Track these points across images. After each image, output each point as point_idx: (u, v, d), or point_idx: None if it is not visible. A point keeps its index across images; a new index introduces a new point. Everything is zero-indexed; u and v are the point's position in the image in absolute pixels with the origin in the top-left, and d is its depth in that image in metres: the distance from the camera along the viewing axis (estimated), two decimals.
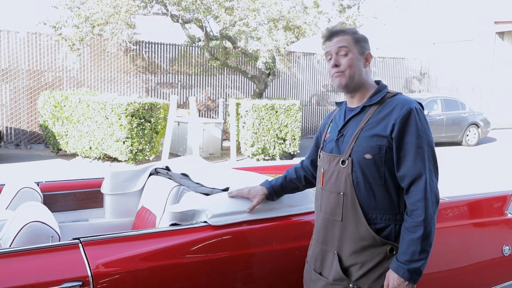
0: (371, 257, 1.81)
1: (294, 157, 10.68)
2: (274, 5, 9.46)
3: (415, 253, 1.71)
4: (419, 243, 1.71)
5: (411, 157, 1.76)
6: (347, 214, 1.84)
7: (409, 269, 1.71)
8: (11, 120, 11.07)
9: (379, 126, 1.81)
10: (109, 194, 3.08)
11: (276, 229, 2.24)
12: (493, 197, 2.86)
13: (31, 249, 1.80)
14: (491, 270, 2.76)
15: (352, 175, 1.82)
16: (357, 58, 1.88)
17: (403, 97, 1.87)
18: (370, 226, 1.81)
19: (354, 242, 1.83)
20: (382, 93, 1.88)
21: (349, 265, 1.85)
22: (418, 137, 1.76)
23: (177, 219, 2.24)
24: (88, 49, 11.57)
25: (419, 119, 1.79)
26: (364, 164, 1.81)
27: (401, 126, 1.77)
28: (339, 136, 1.91)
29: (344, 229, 1.86)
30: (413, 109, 1.79)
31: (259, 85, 11.89)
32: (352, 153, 1.83)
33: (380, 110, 1.85)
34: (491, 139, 15.18)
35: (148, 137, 8.73)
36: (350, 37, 1.88)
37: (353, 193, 1.82)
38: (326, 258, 1.92)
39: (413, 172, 1.75)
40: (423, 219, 1.72)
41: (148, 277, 1.89)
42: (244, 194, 2.24)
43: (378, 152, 1.79)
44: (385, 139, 1.79)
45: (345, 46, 1.87)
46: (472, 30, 19.97)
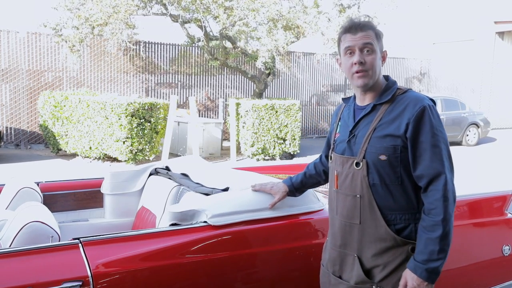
0: (393, 257, 1.78)
1: (294, 157, 10.68)
2: (273, 5, 9.46)
3: (434, 253, 1.68)
4: (438, 243, 1.68)
5: (427, 156, 1.72)
6: (365, 216, 1.80)
7: (427, 269, 1.68)
8: (11, 120, 11.07)
9: (392, 126, 1.76)
10: (109, 194, 3.08)
11: (276, 229, 2.24)
12: (493, 197, 2.86)
13: (31, 249, 1.80)
14: (491, 270, 2.76)
15: (368, 177, 1.78)
16: (379, 57, 1.82)
17: (414, 94, 1.82)
18: (390, 227, 1.77)
19: (375, 244, 1.80)
20: (392, 90, 1.83)
21: (370, 267, 1.81)
22: (433, 135, 1.72)
23: (177, 219, 2.24)
24: (88, 49, 11.58)
25: (433, 116, 1.74)
26: (380, 165, 1.76)
27: (415, 125, 1.73)
28: (351, 137, 1.85)
29: (363, 231, 1.82)
30: (426, 106, 1.74)
31: (259, 85, 11.89)
32: (366, 155, 1.78)
33: (392, 109, 1.79)
34: (491, 139, 15.18)
35: (148, 137, 8.73)
36: (374, 33, 1.80)
37: (370, 195, 1.79)
38: (346, 262, 1.88)
39: (430, 171, 1.72)
40: (442, 218, 1.68)
41: (148, 277, 1.89)
42: (267, 190, 2.26)
43: (393, 152, 1.75)
44: (399, 139, 1.74)
45: (371, 43, 1.78)
46: (472, 30, 19.97)
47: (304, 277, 2.24)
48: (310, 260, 2.24)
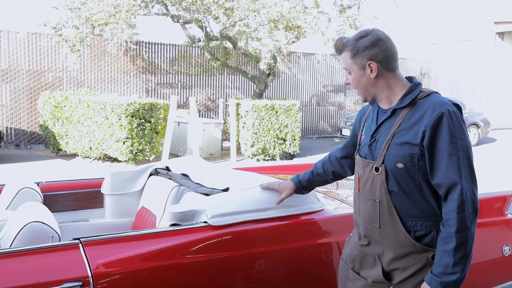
0: (413, 263, 1.76)
1: (294, 157, 10.68)
2: (274, 5, 9.46)
3: (448, 266, 1.64)
4: (452, 256, 1.63)
5: (444, 166, 1.67)
6: (385, 221, 1.79)
7: (441, 282, 1.64)
8: (11, 120, 11.07)
9: (410, 133, 1.72)
10: (109, 194, 3.08)
11: (276, 229, 2.24)
12: (493, 197, 2.85)
13: (32, 249, 1.80)
14: (491, 270, 2.76)
15: (387, 183, 1.76)
16: (360, 74, 1.80)
17: (436, 99, 1.75)
18: (410, 233, 1.75)
19: (394, 249, 1.78)
20: (414, 94, 1.77)
21: (390, 269, 1.80)
22: (451, 143, 1.66)
23: (177, 219, 2.24)
24: (88, 49, 11.57)
25: (452, 123, 1.67)
26: (397, 173, 1.74)
27: (432, 133, 1.67)
28: (372, 141, 1.83)
29: (383, 235, 1.81)
30: (445, 113, 1.68)
31: (259, 85, 11.89)
32: (385, 161, 1.76)
33: (412, 114, 1.74)
34: (491, 139, 15.18)
35: (148, 137, 8.73)
36: (349, 53, 1.79)
37: (389, 201, 1.77)
38: (366, 260, 1.88)
39: (446, 181, 1.67)
40: (455, 230, 1.64)
41: (148, 277, 1.89)
42: (275, 187, 2.28)
43: (410, 161, 1.71)
44: (417, 147, 1.70)
45: (345, 67, 1.83)
46: (472, 30, 19.97)
47: (305, 277, 2.24)
48: (310, 260, 2.24)
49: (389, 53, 1.78)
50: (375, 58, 1.76)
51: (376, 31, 1.79)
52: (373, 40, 1.76)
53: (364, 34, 1.79)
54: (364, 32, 1.80)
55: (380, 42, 1.76)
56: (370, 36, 1.77)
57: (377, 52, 1.76)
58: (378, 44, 1.76)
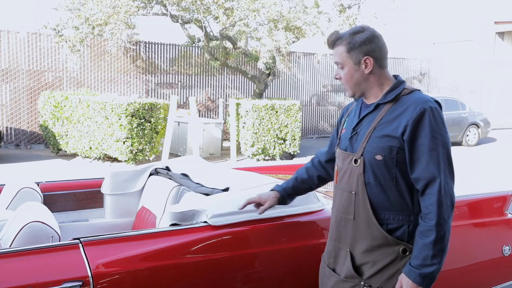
0: (383, 256, 1.79)
1: (294, 157, 10.69)
2: (274, 5, 9.45)
3: (427, 258, 1.68)
4: (431, 248, 1.68)
5: (424, 160, 1.71)
6: (359, 213, 1.82)
7: (420, 274, 1.68)
8: (11, 120, 11.07)
9: (391, 126, 1.76)
10: (109, 194, 3.08)
11: (276, 229, 2.24)
12: (493, 197, 2.86)
13: (31, 249, 1.81)
14: (491, 270, 2.76)
15: (364, 175, 1.80)
16: (354, 69, 1.81)
17: (419, 95, 1.79)
18: (382, 226, 1.78)
19: (366, 241, 1.81)
20: (397, 91, 1.81)
21: (361, 263, 1.83)
22: (432, 138, 1.71)
23: (177, 219, 2.24)
24: (88, 49, 11.57)
25: (434, 119, 1.73)
26: (375, 164, 1.77)
27: (413, 128, 1.72)
28: (353, 134, 1.87)
29: (356, 227, 1.84)
30: (427, 109, 1.73)
31: (259, 85, 11.89)
32: (364, 153, 1.80)
33: (394, 109, 1.79)
34: (491, 139, 15.18)
35: (148, 137, 8.73)
36: (344, 47, 1.80)
37: (364, 193, 1.80)
38: (340, 255, 1.91)
39: (426, 175, 1.71)
40: (435, 223, 1.68)
41: (148, 277, 1.90)
42: (256, 200, 2.17)
43: (389, 153, 1.75)
44: (397, 140, 1.74)
45: (338, 61, 1.83)
46: (472, 30, 19.97)
47: (304, 277, 2.24)
48: (310, 260, 2.24)
49: (383, 50, 1.82)
50: (371, 53, 1.79)
51: (370, 28, 1.83)
52: (370, 36, 1.80)
53: (359, 30, 1.82)
54: (358, 27, 1.83)
55: (376, 39, 1.80)
56: (366, 32, 1.80)
57: (374, 48, 1.80)
58: (374, 40, 1.80)
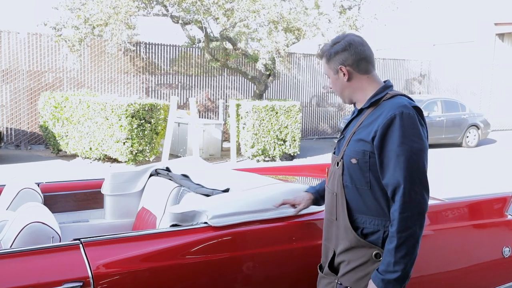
0: (356, 257, 1.82)
1: (294, 158, 10.69)
2: (274, 6, 9.46)
3: (390, 264, 1.68)
4: (393, 254, 1.68)
5: (391, 166, 1.71)
6: (339, 214, 1.88)
7: (383, 279, 1.69)
8: (11, 120, 11.07)
9: (366, 131, 1.79)
10: (109, 195, 3.09)
11: (276, 230, 2.24)
12: (493, 199, 2.86)
13: (32, 249, 1.81)
14: (491, 271, 2.77)
15: (342, 177, 1.85)
16: (335, 78, 1.91)
17: (398, 101, 1.78)
18: (358, 229, 1.81)
19: (345, 241, 1.86)
20: (379, 96, 1.84)
21: (338, 262, 1.89)
22: (400, 144, 1.69)
23: (178, 220, 2.25)
24: (88, 50, 11.58)
25: (403, 125, 1.70)
26: (351, 168, 1.82)
27: (382, 134, 1.72)
28: (341, 138, 1.95)
29: (338, 228, 1.89)
30: (397, 114, 1.71)
31: (259, 86, 11.90)
32: (344, 156, 1.85)
33: (372, 114, 1.81)
34: (491, 141, 15.18)
35: (148, 138, 8.73)
36: (325, 59, 1.91)
37: (343, 195, 1.85)
38: (328, 255, 1.97)
39: (392, 181, 1.71)
40: (395, 230, 1.68)
41: (148, 278, 1.90)
42: (291, 201, 2.25)
43: (362, 157, 1.78)
44: (369, 144, 1.77)
45: (324, 73, 1.96)
46: (472, 31, 19.98)
47: (304, 278, 2.24)
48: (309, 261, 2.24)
49: (362, 55, 1.85)
50: (345, 62, 1.85)
51: (349, 36, 1.88)
52: (344, 46, 1.85)
53: (337, 40, 1.89)
54: (337, 38, 1.91)
55: (351, 47, 1.85)
56: (342, 42, 1.86)
57: (347, 56, 1.85)
58: (348, 49, 1.85)
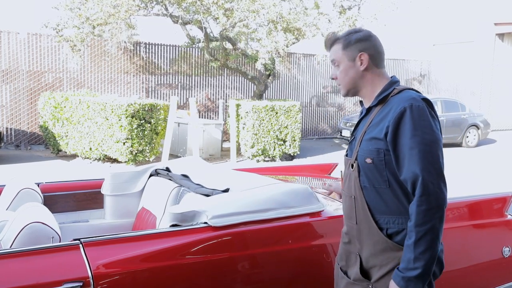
0: (386, 261, 1.75)
1: (294, 158, 10.68)
2: (273, 6, 9.46)
3: (410, 261, 1.62)
4: (412, 250, 1.62)
5: (406, 160, 1.66)
6: (360, 217, 1.81)
7: (403, 277, 1.63)
8: (11, 121, 11.07)
9: (377, 128, 1.74)
10: (109, 195, 3.09)
11: (276, 230, 2.24)
12: (493, 199, 2.86)
13: (32, 250, 1.81)
14: (491, 271, 2.76)
15: (359, 179, 1.79)
16: (348, 66, 1.83)
17: (406, 94, 1.74)
18: (382, 230, 1.75)
19: (370, 246, 1.79)
20: (386, 92, 1.80)
21: (369, 267, 1.81)
22: (412, 137, 1.65)
23: (178, 220, 2.25)
24: (89, 50, 11.57)
25: (413, 117, 1.66)
26: (367, 168, 1.76)
27: (394, 128, 1.68)
28: (352, 139, 1.89)
29: (360, 232, 1.83)
30: (407, 107, 1.67)
31: (259, 86, 11.90)
32: (357, 157, 1.79)
33: (382, 111, 1.77)
34: (491, 141, 15.19)
35: (148, 138, 8.73)
36: (340, 45, 1.84)
37: (362, 197, 1.79)
38: (350, 259, 1.90)
39: (409, 175, 1.65)
40: (413, 224, 1.63)
41: (148, 278, 1.90)
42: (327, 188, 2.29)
43: (377, 155, 1.73)
44: (382, 142, 1.72)
45: (334, 59, 1.86)
46: (472, 31, 19.98)
47: (304, 278, 2.24)
48: (309, 261, 2.24)
49: (379, 49, 1.84)
50: (367, 50, 1.81)
51: (367, 30, 1.88)
52: (366, 35, 1.84)
53: (356, 30, 1.87)
54: (356, 28, 1.89)
55: (372, 38, 1.84)
56: (363, 32, 1.85)
57: (369, 45, 1.82)
58: (369, 39, 1.83)
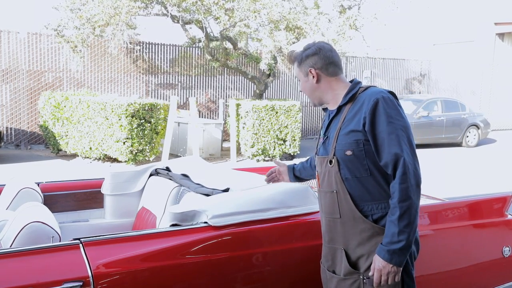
0: (375, 247, 1.85)
1: (294, 158, 10.69)
2: (274, 6, 9.46)
3: (394, 235, 1.76)
4: (397, 224, 1.76)
5: (386, 144, 1.81)
6: (343, 210, 1.91)
7: (388, 250, 1.76)
8: (11, 120, 11.07)
9: (353, 122, 1.88)
10: (109, 194, 3.09)
11: (276, 230, 2.24)
12: (493, 198, 2.86)
13: (32, 249, 1.81)
14: (491, 271, 2.77)
15: (340, 172, 1.90)
16: (304, 81, 2.02)
17: (373, 90, 1.92)
18: (368, 217, 1.87)
19: (356, 236, 1.89)
20: (354, 91, 1.95)
21: (356, 258, 1.90)
22: (389, 123, 1.82)
23: (178, 219, 2.25)
24: (89, 50, 11.56)
25: (387, 106, 1.83)
26: (348, 160, 1.88)
27: (371, 118, 1.83)
28: (325, 139, 2.01)
29: (344, 225, 1.92)
30: (379, 98, 1.84)
31: (259, 86, 11.90)
32: (335, 152, 1.91)
33: (353, 107, 1.92)
34: (491, 140, 15.18)
35: (148, 137, 8.73)
36: (297, 63, 2.02)
37: (344, 190, 1.90)
38: (336, 256, 1.98)
39: (391, 157, 1.81)
40: (397, 199, 1.77)
41: (148, 278, 1.90)
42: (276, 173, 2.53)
43: (356, 146, 1.86)
44: (360, 133, 1.86)
45: (296, 76, 2.07)
46: (472, 31, 19.97)
47: (304, 278, 2.24)
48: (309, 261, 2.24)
49: (329, 60, 1.98)
50: (315, 65, 1.98)
51: (319, 43, 2.02)
52: (314, 51, 1.99)
53: (308, 47, 2.01)
54: (309, 45, 2.03)
55: (320, 52, 1.98)
56: (312, 48, 2.00)
57: (317, 60, 1.98)
58: (317, 53, 1.98)
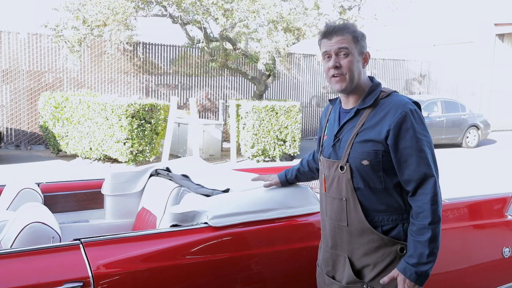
0: (382, 258, 1.80)
1: (294, 159, 10.69)
2: (273, 6, 9.46)
3: (423, 256, 1.69)
4: (427, 246, 1.69)
5: (414, 162, 1.73)
6: (352, 219, 1.83)
7: (416, 271, 1.69)
8: (11, 121, 11.07)
9: (374, 131, 1.77)
10: (109, 195, 3.09)
11: (276, 230, 2.24)
12: (493, 199, 2.86)
13: (32, 250, 1.81)
14: (491, 272, 2.76)
15: (352, 181, 1.81)
16: (357, 59, 1.80)
17: (398, 98, 1.80)
18: (377, 228, 1.80)
19: (363, 245, 1.82)
20: (375, 94, 1.82)
21: (361, 267, 1.84)
22: (418, 140, 1.73)
23: (178, 220, 2.25)
24: (88, 50, 11.57)
25: (415, 121, 1.74)
26: (363, 170, 1.78)
27: (396, 132, 1.73)
28: (336, 141, 1.87)
29: (351, 233, 1.84)
30: (407, 112, 1.73)
31: (259, 86, 11.90)
32: (349, 159, 1.80)
33: (375, 113, 1.79)
34: (491, 141, 15.18)
35: (148, 138, 8.73)
36: (351, 36, 1.79)
37: (355, 198, 1.81)
38: (338, 262, 1.91)
39: (418, 175, 1.73)
40: (430, 221, 1.70)
41: (148, 278, 1.90)
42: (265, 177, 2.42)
43: (375, 157, 1.76)
44: (380, 144, 1.76)
45: (346, 47, 1.78)
46: (472, 32, 19.98)
47: (304, 278, 2.24)
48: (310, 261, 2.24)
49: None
50: (367, 50, 1.87)
51: None
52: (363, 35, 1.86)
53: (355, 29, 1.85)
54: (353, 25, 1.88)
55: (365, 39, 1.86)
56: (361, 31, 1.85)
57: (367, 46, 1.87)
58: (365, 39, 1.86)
